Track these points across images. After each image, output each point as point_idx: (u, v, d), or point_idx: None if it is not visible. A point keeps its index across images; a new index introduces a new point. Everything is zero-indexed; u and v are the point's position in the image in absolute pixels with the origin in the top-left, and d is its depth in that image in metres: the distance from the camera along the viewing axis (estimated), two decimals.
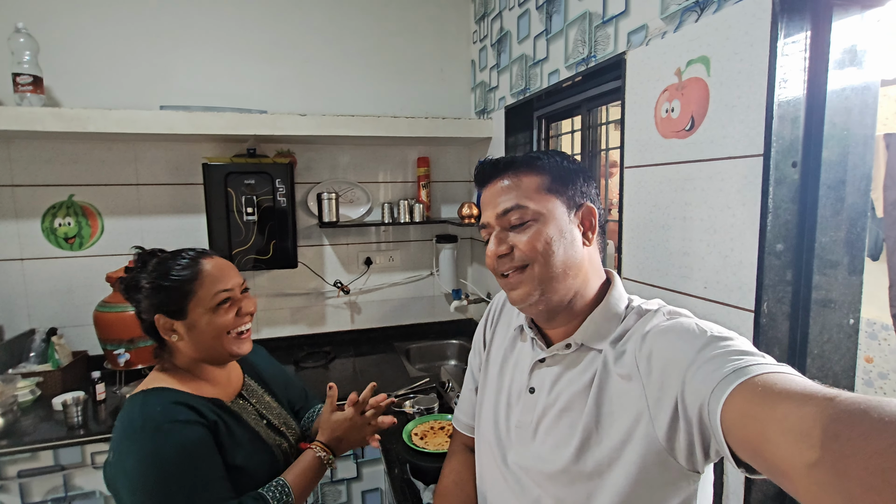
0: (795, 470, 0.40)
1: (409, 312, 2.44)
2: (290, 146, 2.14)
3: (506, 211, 0.70)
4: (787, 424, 0.41)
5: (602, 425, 0.66)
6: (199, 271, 0.92)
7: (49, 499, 1.49)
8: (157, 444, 0.80)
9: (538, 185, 0.71)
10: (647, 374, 0.61)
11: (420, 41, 2.29)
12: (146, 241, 2.02)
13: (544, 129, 1.92)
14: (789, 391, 0.44)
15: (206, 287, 0.92)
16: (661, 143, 1.11)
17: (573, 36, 1.46)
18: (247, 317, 0.96)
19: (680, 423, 0.57)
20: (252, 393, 1.06)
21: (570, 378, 0.71)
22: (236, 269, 1.00)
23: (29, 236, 1.90)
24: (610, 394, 0.66)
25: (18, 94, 1.66)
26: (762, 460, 0.45)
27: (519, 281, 0.70)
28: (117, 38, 1.92)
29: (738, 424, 0.47)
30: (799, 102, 0.86)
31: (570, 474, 0.67)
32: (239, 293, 0.97)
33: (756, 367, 0.49)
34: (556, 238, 0.69)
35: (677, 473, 0.60)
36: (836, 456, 0.36)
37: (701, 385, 0.53)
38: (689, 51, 1.01)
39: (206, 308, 0.91)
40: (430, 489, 1.15)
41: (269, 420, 1.04)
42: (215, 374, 0.98)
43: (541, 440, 0.72)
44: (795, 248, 0.89)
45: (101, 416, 1.60)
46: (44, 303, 1.94)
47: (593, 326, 0.71)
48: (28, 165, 1.87)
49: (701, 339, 0.58)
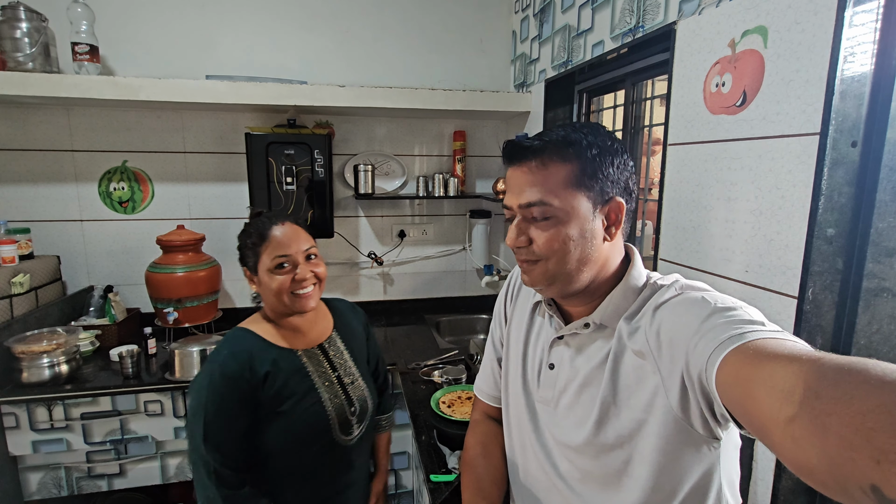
0: (774, 424, 0.41)
1: (440, 286, 2.47)
2: (328, 118, 2.17)
3: (529, 204, 0.68)
4: (772, 382, 0.42)
5: (619, 399, 0.67)
6: (267, 235, 1.03)
7: (108, 440, 1.63)
8: (208, 381, 0.97)
9: (566, 178, 0.66)
10: (658, 349, 0.62)
11: (460, 11, 2.24)
12: (192, 207, 2.12)
13: (585, 104, 1.86)
14: (778, 352, 0.45)
15: (269, 250, 1.02)
16: (708, 119, 1.06)
17: (621, 5, 1.39)
18: (303, 281, 1.03)
19: (689, 392, 0.58)
20: (333, 347, 1.14)
21: (588, 354, 0.72)
22: (305, 235, 1.07)
23: (87, 199, 2.02)
24: (626, 368, 0.67)
25: (77, 63, 1.75)
26: (748, 417, 0.46)
27: (531, 270, 0.71)
28: (166, 9, 1.97)
29: (730, 385, 0.48)
30: (865, 78, 0.80)
31: (594, 446, 0.69)
32: (301, 259, 1.04)
33: (752, 333, 0.50)
34: (576, 238, 0.67)
35: (698, 440, 0.62)
36: (816, 412, 0.37)
37: (701, 353, 0.54)
38: (745, 20, 0.95)
39: (267, 269, 1.02)
40: (456, 454, 1.19)
41: (339, 375, 1.10)
42: (296, 322, 1.09)
43: (563, 414, 0.74)
44: (849, 234, 0.85)
45: (153, 368, 1.72)
46: (101, 262, 2.08)
47: (612, 306, 0.70)
48: (86, 132, 1.98)
49: (705, 310, 0.58)
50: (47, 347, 1.58)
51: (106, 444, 1.63)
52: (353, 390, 1.12)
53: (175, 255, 1.90)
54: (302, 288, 1.03)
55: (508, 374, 0.88)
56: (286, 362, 1.04)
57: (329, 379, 1.08)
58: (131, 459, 1.67)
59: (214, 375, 0.98)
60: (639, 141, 1.60)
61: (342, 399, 1.09)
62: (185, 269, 1.88)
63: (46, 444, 1.59)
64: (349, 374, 1.13)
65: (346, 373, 1.12)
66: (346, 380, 1.11)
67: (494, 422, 0.95)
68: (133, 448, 1.66)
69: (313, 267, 1.06)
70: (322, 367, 1.08)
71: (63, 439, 1.60)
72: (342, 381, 1.10)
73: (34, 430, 1.57)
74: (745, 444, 0.98)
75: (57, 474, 1.64)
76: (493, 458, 0.89)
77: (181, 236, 1.91)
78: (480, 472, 0.88)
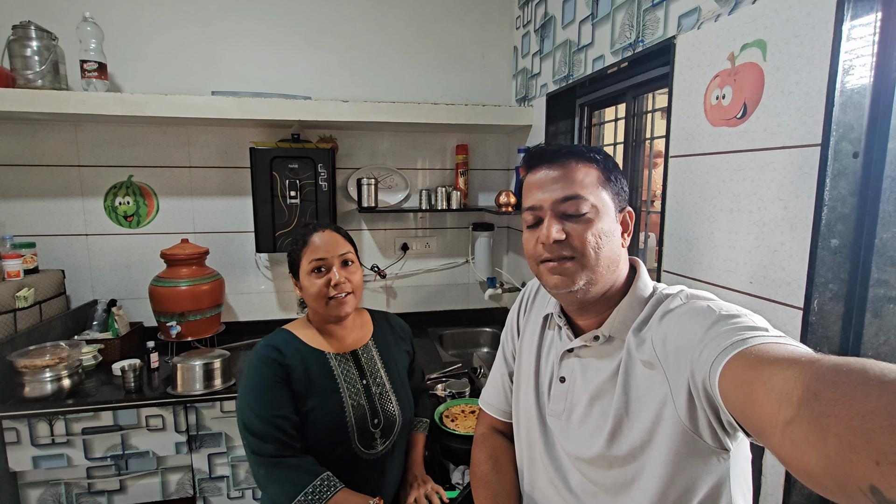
0: (773, 427, 0.41)
1: (443, 299, 2.46)
2: (332, 132, 2.19)
3: (566, 198, 0.70)
4: (771, 385, 0.42)
5: (632, 410, 0.67)
6: (306, 241, 1.09)
7: (109, 455, 1.62)
8: (250, 366, 1.05)
9: (595, 179, 0.72)
10: (665, 359, 0.63)
11: (462, 27, 2.28)
12: (197, 221, 2.13)
13: (586, 118, 1.88)
14: (778, 356, 0.45)
15: (308, 255, 1.07)
16: (709, 131, 1.07)
17: (620, 20, 1.41)
18: (339, 286, 1.06)
19: (696, 401, 0.58)
20: (367, 355, 1.15)
21: (598, 367, 0.73)
22: (343, 241, 1.11)
23: (93, 213, 2.04)
24: (636, 380, 0.67)
25: (85, 80, 1.78)
26: (749, 421, 0.46)
27: (565, 269, 0.70)
28: (172, 27, 2.01)
29: (732, 390, 0.49)
30: (864, 89, 0.81)
31: (606, 459, 0.69)
32: (336, 263, 1.07)
33: (755, 338, 0.50)
34: (608, 234, 0.70)
35: (707, 452, 0.61)
36: (815, 414, 0.37)
37: (705, 360, 0.54)
38: (744, 34, 0.97)
39: (306, 272, 1.07)
40: (460, 469, 1.18)
41: (367, 383, 1.11)
42: (333, 328, 1.12)
43: (575, 428, 0.74)
44: (853, 244, 0.84)
45: (155, 382, 1.72)
46: (105, 276, 2.08)
47: (620, 318, 0.71)
48: (92, 147, 2.00)
49: (710, 319, 0.58)
50: (50, 362, 1.58)
51: (106, 459, 1.62)
52: (381, 401, 1.11)
53: (179, 269, 1.90)
54: (338, 293, 1.06)
55: (520, 387, 0.87)
56: (315, 362, 1.08)
57: (355, 386, 1.08)
58: (132, 475, 1.65)
59: (253, 361, 1.05)
60: (640, 154, 1.61)
61: (365, 408, 1.07)
62: (189, 282, 1.88)
63: (47, 459, 1.58)
64: (378, 384, 1.12)
65: (374, 382, 1.12)
66: (373, 389, 1.10)
67: (503, 436, 0.94)
68: (133, 464, 1.65)
69: (349, 274, 1.08)
70: (350, 372, 1.09)
71: (64, 455, 1.58)
72: (369, 390, 1.09)
73: (35, 445, 1.56)
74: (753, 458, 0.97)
75: (57, 490, 1.62)
76: (506, 472, 0.88)
77: (185, 250, 1.92)
78: (495, 487, 0.86)
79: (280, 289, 2.27)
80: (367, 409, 1.07)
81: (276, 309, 2.28)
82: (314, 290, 1.06)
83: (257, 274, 2.24)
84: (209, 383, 1.66)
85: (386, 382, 1.14)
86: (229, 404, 1.66)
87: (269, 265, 2.24)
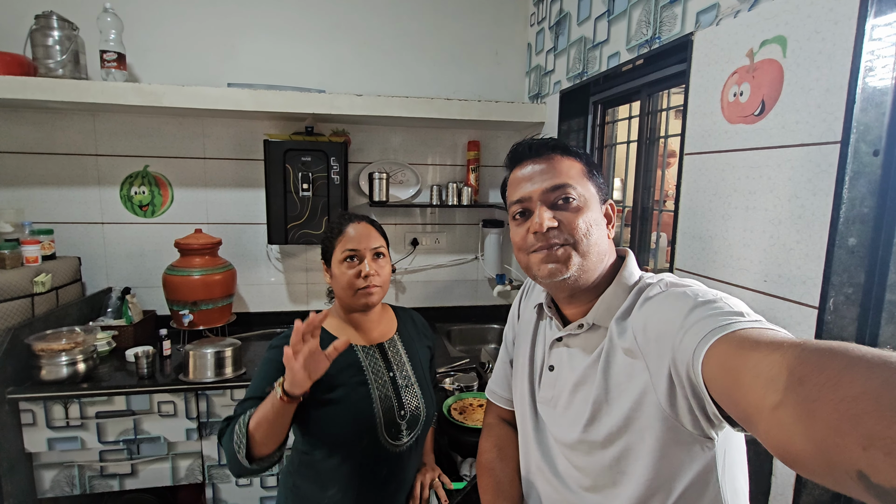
0: (760, 412, 0.41)
1: (452, 295, 2.47)
2: (345, 126, 2.20)
3: (555, 187, 0.71)
4: (757, 370, 0.42)
5: (611, 397, 0.68)
6: (341, 231, 1.10)
7: (121, 439, 1.65)
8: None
9: (581, 170, 0.74)
10: (645, 345, 0.63)
11: (477, 23, 2.28)
12: (210, 212, 2.16)
13: (600, 115, 1.87)
14: (761, 341, 0.45)
15: (341, 245, 1.08)
16: (726, 128, 1.06)
17: (637, 16, 1.40)
18: (368, 277, 1.07)
19: (677, 388, 0.58)
20: (393, 349, 1.16)
21: (583, 354, 0.74)
22: (377, 235, 1.12)
23: (109, 202, 2.07)
24: (616, 367, 0.68)
25: (104, 70, 1.80)
26: (735, 406, 0.46)
27: (557, 256, 0.71)
28: (190, 18, 2.03)
29: (716, 376, 0.48)
30: (887, 87, 0.80)
31: (586, 444, 0.70)
32: (368, 255, 1.08)
33: (735, 324, 0.50)
34: (597, 222, 0.72)
35: (689, 439, 0.61)
36: (801, 398, 0.37)
37: (686, 348, 0.54)
38: (763, 30, 0.96)
39: (338, 261, 1.08)
40: (468, 461, 1.18)
41: (394, 376, 1.12)
42: (359, 319, 1.13)
43: (560, 413, 0.76)
44: (871, 244, 0.84)
45: (167, 370, 1.74)
46: (120, 264, 2.11)
47: (604, 306, 0.72)
48: (110, 137, 2.03)
49: (688, 305, 0.58)
50: (66, 346, 1.61)
51: (119, 443, 1.65)
52: (407, 394, 1.12)
53: (192, 259, 1.92)
54: (367, 284, 1.07)
55: (517, 375, 0.89)
56: (342, 353, 1.04)
57: (382, 378, 1.09)
58: (143, 460, 1.68)
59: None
60: (654, 152, 1.60)
61: (392, 400, 1.08)
62: (202, 272, 1.90)
63: (61, 441, 1.61)
64: (405, 377, 1.13)
65: (401, 375, 1.12)
66: (400, 382, 1.11)
67: (508, 425, 0.95)
68: (145, 448, 1.67)
69: (379, 267, 1.10)
70: (377, 365, 1.10)
71: (77, 437, 1.61)
72: (396, 383, 1.10)
73: (50, 427, 1.59)
74: (764, 459, 0.96)
75: (70, 472, 1.65)
76: (510, 460, 0.90)
77: (199, 240, 1.94)
78: (499, 474, 0.88)
79: (291, 281, 2.29)
80: (394, 402, 1.08)
81: (286, 301, 2.30)
82: (344, 280, 1.07)
83: (268, 265, 2.26)
84: (220, 371, 1.68)
85: (411, 376, 1.14)
86: (239, 392, 1.68)
87: (280, 257, 2.26)
